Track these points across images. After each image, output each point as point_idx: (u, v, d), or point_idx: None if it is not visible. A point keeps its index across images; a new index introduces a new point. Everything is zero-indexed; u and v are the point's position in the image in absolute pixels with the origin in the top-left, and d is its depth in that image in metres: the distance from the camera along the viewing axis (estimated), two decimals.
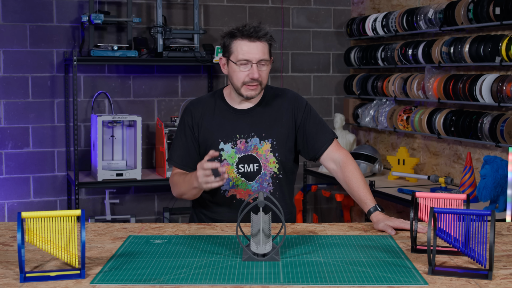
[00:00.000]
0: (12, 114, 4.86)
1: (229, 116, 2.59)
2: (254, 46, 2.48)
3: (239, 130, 2.57)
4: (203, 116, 2.60)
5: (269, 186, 2.59)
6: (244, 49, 2.48)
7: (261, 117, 2.59)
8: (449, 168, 4.56)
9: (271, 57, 2.55)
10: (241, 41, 2.48)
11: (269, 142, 2.57)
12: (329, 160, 2.61)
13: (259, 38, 2.48)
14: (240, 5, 5.40)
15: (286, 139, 2.59)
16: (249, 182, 2.56)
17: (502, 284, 1.75)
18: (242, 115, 2.59)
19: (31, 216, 1.77)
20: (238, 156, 2.56)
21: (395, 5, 5.12)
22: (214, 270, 1.87)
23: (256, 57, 2.48)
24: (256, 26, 2.48)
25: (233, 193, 2.57)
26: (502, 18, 3.85)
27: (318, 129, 2.62)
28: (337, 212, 5.76)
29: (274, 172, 2.58)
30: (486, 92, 3.95)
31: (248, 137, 2.57)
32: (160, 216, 5.24)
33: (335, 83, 5.72)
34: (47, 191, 4.99)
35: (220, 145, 2.56)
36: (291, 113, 2.61)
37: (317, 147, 2.61)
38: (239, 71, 2.50)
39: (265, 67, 2.51)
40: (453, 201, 2.07)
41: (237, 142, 2.56)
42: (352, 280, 1.78)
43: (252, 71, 2.48)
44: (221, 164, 2.48)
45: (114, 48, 4.76)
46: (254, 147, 2.56)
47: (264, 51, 2.49)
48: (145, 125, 5.15)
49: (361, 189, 2.49)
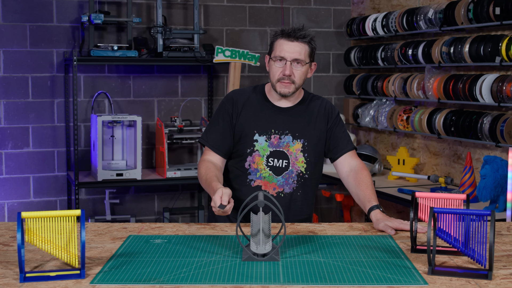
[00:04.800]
0: (12, 114, 4.86)
1: (268, 111, 2.69)
2: (292, 45, 2.60)
3: (274, 126, 2.67)
4: (244, 106, 2.69)
5: (294, 184, 2.67)
6: (281, 47, 2.60)
7: (297, 117, 2.70)
8: (449, 168, 4.56)
9: (312, 60, 2.67)
10: (281, 40, 2.62)
11: (301, 142, 2.67)
12: (344, 164, 2.71)
13: (297, 38, 2.59)
14: (240, 5, 5.40)
15: (317, 142, 2.70)
16: (275, 176, 2.65)
17: (502, 284, 1.75)
18: (280, 112, 2.69)
19: (31, 216, 1.77)
20: (270, 150, 2.65)
21: (395, 5, 5.12)
22: (214, 270, 1.87)
23: (291, 55, 2.59)
24: (297, 28, 2.61)
25: (258, 184, 2.66)
26: (502, 18, 3.85)
27: (343, 136, 2.75)
28: (337, 212, 5.76)
29: (301, 171, 2.67)
30: (486, 92, 3.95)
31: (282, 133, 2.66)
32: (160, 216, 5.24)
33: (335, 83, 5.72)
34: (47, 191, 4.99)
35: (255, 136, 2.66)
36: (325, 118, 2.73)
37: (338, 149, 2.72)
38: (275, 67, 2.62)
39: (301, 66, 2.61)
40: (453, 201, 2.07)
41: (271, 137, 2.66)
42: (352, 280, 1.78)
43: (285, 67, 2.59)
44: (252, 155, 2.62)
45: (114, 48, 4.76)
46: (286, 144, 2.66)
47: (300, 51, 2.60)
48: (145, 125, 5.15)
49: (368, 190, 2.56)
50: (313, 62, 2.70)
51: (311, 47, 2.64)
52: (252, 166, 2.65)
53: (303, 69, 2.63)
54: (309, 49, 2.63)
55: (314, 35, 2.66)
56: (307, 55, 2.63)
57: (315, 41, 2.67)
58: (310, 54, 2.64)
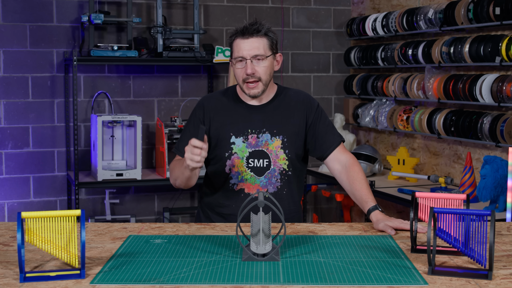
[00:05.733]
0: (12, 114, 4.86)
1: (242, 111, 2.62)
2: (248, 42, 2.51)
3: (251, 125, 2.60)
4: (215, 110, 2.63)
5: (277, 182, 2.61)
6: (238, 47, 2.52)
7: (274, 114, 2.62)
8: (449, 168, 4.56)
9: (275, 52, 2.58)
10: (237, 40, 2.54)
11: (280, 139, 2.60)
12: (335, 161, 2.64)
13: (252, 34, 2.51)
14: (240, 5, 5.40)
15: (296, 137, 2.62)
16: (258, 177, 2.58)
17: (502, 284, 1.75)
18: (254, 111, 2.62)
19: (31, 216, 1.77)
20: (249, 151, 2.59)
21: (395, 5, 5.12)
22: (214, 270, 1.87)
23: (249, 53, 2.51)
24: (250, 23, 2.52)
25: (241, 187, 2.60)
26: (502, 18, 3.85)
27: (328, 130, 2.66)
28: (337, 212, 5.76)
29: (283, 168, 2.61)
30: (486, 92, 3.95)
31: (259, 132, 2.59)
32: (160, 216, 5.24)
33: (335, 83, 5.72)
34: (47, 191, 4.99)
35: (231, 139, 2.59)
36: (303, 112, 2.64)
37: (325, 147, 2.64)
38: (237, 69, 2.54)
39: (262, 62, 2.53)
40: (453, 201, 2.07)
41: (249, 137, 2.59)
42: (352, 280, 1.78)
43: (246, 67, 2.51)
44: (231, 158, 2.56)
45: (114, 48, 4.76)
46: (265, 143, 2.59)
47: (258, 46, 2.51)
48: (145, 125, 5.15)
49: (364, 189, 2.51)
50: (277, 54, 2.60)
51: (270, 38, 2.54)
52: (232, 170, 2.58)
53: (266, 64, 2.53)
54: (268, 42, 2.54)
55: (270, 26, 2.56)
56: (267, 48, 2.53)
57: (273, 32, 2.56)
58: (270, 47, 2.55)
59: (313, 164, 5.32)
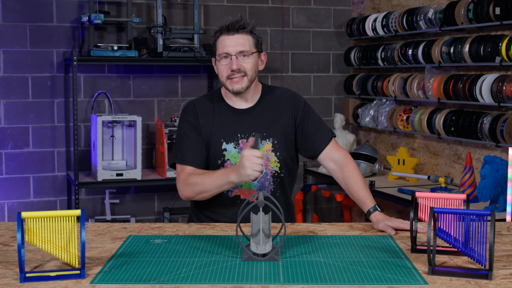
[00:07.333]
0: (12, 114, 4.86)
1: (229, 116, 2.58)
2: (233, 38, 2.49)
3: (240, 130, 2.56)
4: (203, 116, 2.58)
5: (271, 185, 2.59)
6: (223, 43, 2.50)
7: (261, 116, 2.59)
8: (449, 168, 4.56)
9: (260, 51, 2.56)
10: (222, 36, 2.52)
11: (270, 142, 2.57)
12: (328, 160, 2.61)
13: (237, 30, 2.49)
14: (240, 5, 5.40)
15: (286, 138, 2.59)
16: (251, 182, 2.53)
17: (502, 284, 1.75)
18: (242, 115, 2.59)
19: (31, 216, 1.77)
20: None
21: (395, 5, 5.12)
22: (214, 270, 1.87)
23: (235, 48, 2.49)
24: (235, 20, 2.50)
25: (236, 193, 2.57)
26: (502, 18, 3.85)
27: (317, 127, 2.62)
28: (337, 212, 5.76)
29: (275, 171, 2.58)
30: (486, 92, 3.95)
31: (249, 136, 2.55)
32: (160, 216, 5.24)
33: (335, 83, 5.72)
34: (47, 191, 4.99)
35: (222, 145, 2.55)
36: (290, 112, 2.61)
37: (316, 145, 2.61)
38: (221, 65, 2.52)
39: (248, 58, 2.51)
40: (453, 201, 2.07)
41: (239, 142, 2.56)
42: (352, 280, 1.78)
43: (231, 62, 2.49)
44: (224, 165, 2.52)
45: (114, 48, 4.76)
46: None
47: (244, 43, 2.50)
48: (145, 125, 5.15)
49: (361, 189, 2.49)
50: (262, 53, 2.58)
51: (255, 37, 2.53)
52: None
53: (252, 60, 2.51)
54: (253, 39, 2.52)
55: (255, 25, 2.54)
56: (252, 45, 2.52)
57: (258, 31, 2.55)
58: (255, 44, 2.53)
59: (313, 164, 5.32)
